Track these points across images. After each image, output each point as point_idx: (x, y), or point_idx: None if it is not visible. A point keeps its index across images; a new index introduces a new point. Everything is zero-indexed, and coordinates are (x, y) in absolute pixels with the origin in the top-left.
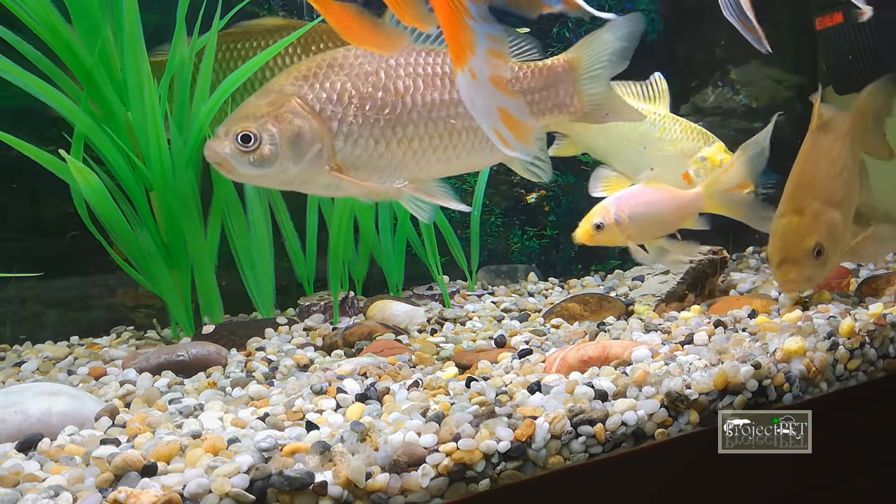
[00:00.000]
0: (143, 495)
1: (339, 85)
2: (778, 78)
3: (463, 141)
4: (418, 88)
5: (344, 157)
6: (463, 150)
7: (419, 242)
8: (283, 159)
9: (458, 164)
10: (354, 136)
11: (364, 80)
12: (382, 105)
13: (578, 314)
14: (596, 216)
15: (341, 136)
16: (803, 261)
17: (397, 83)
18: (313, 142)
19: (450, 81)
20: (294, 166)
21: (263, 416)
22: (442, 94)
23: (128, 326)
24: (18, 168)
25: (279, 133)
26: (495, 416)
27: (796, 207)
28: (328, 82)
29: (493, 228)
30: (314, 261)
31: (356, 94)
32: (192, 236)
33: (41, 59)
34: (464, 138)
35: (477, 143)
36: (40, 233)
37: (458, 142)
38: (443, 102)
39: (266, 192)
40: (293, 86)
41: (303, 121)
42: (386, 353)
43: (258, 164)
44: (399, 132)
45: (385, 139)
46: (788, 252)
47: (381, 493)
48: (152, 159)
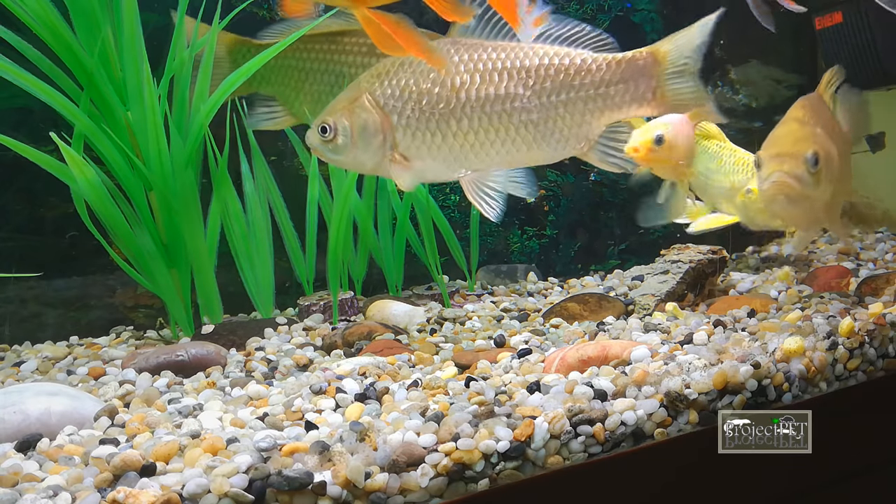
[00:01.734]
0: (142, 495)
1: (403, 82)
2: (778, 78)
3: (522, 134)
4: (474, 83)
5: (405, 147)
6: (523, 143)
7: (419, 242)
8: (354, 148)
9: (518, 157)
10: (413, 128)
11: (425, 77)
12: (438, 100)
13: (578, 314)
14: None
15: (401, 129)
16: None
17: (455, 79)
18: (377, 133)
19: (507, 76)
20: (363, 154)
21: (262, 416)
22: (498, 89)
23: (127, 326)
24: (18, 168)
25: (350, 125)
26: (494, 415)
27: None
28: (395, 79)
29: (492, 228)
30: (314, 261)
31: (416, 90)
32: (192, 236)
33: (41, 58)
34: (522, 132)
35: (539, 137)
36: (40, 233)
37: (517, 136)
38: (497, 97)
39: (265, 192)
40: (367, 83)
41: (368, 115)
42: (385, 352)
43: (334, 151)
44: (454, 125)
45: (441, 132)
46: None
47: (380, 492)
48: (152, 159)
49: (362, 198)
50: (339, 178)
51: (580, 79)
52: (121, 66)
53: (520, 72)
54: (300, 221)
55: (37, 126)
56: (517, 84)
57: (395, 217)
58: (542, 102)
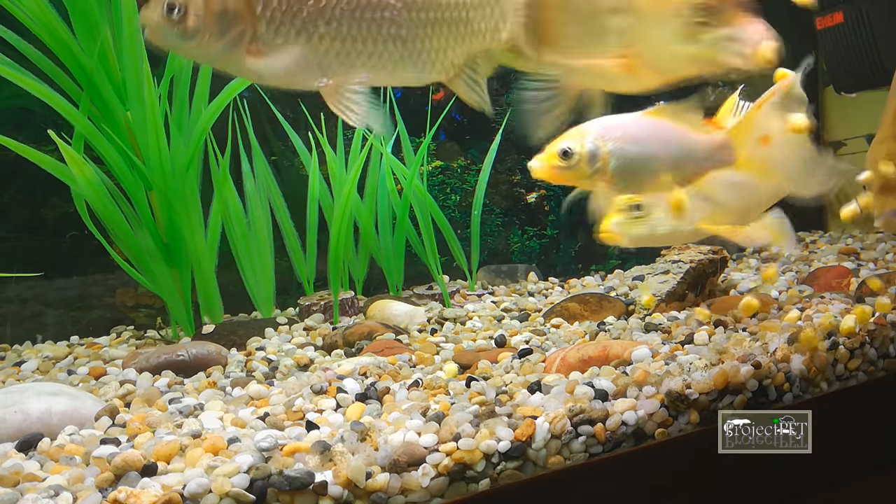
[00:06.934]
0: (143, 495)
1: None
2: None
3: (390, 49)
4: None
5: (265, 42)
6: (389, 59)
7: (419, 242)
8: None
9: (384, 74)
10: (277, 22)
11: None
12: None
13: (578, 314)
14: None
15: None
16: None
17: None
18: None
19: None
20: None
21: (263, 416)
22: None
23: (128, 326)
24: (18, 168)
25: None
26: (495, 415)
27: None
28: None
29: (493, 228)
30: (314, 261)
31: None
32: (192, 236)
33: (41, 58)
34: (390, 47)
35: (406, 55)
36: (41, 233)
37: (384, 49)
38: (369, 3)
39: (266, 192)
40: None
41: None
42: (386, 352)
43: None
44: (321, 26)
45: (307, 32)
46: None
47: (381, 492)
48: (152, 159)
49: (363, 198)
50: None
51: None
52: (120, 67)
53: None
54: (301, 221)
55: (37, 126)
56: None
57: (396, 217)
58: (412, 18)
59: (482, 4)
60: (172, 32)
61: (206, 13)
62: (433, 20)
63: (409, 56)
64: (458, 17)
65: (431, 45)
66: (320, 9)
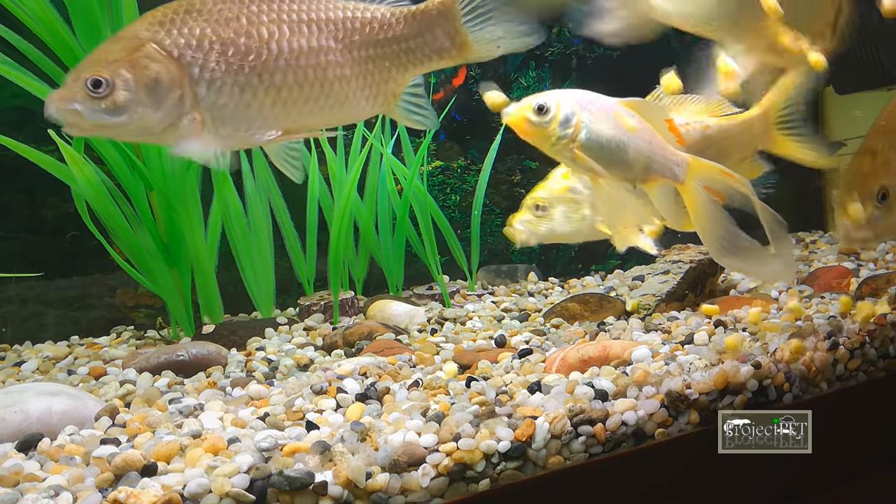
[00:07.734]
0: (143, 495)
1: (199, 31)
2: None
3: (336, 90)
4: (283, 35)
5: (208, 105)
6: (336, 100)
7: (419, 242)
8: (140, 106)
9: (331, 116)
10: (218, 83)
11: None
12: (247, 51)
13: (578, 314)
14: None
15: (203, 84)
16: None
17: (261, 29)
18: (172, 88)
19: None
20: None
21: (263, 416)
22: (310, 41)
23: (128, 326)
24: (18, 168)
25: (134, 79)
26: (495, 415)
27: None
28: (186, 28)
29: (493, 228)
30: (314, 261)
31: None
32: (192, 236)
33: (42, 58)
34: (336, 87)
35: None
36: (41, 232)
37: (331, 91)
38: (311, 49)
39: (266, 192)
40: (148, 31)
41: (160, 66)
42: (386, 352)
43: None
44: (266, 79)
45: (252, 87)
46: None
47: (381, 492)
48: (152, 159)
49: (363, 198)
50: (340, 178)
51: (384, 33)
52: None
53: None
54: (301, 221)
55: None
56: (328, 37)
57: (396, 217)
58: (354, 57)
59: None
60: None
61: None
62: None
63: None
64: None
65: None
66: (263, 62)
